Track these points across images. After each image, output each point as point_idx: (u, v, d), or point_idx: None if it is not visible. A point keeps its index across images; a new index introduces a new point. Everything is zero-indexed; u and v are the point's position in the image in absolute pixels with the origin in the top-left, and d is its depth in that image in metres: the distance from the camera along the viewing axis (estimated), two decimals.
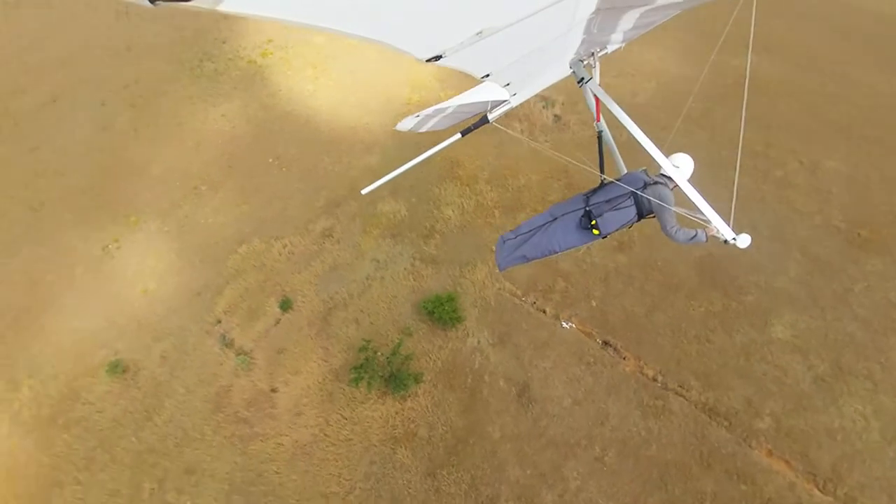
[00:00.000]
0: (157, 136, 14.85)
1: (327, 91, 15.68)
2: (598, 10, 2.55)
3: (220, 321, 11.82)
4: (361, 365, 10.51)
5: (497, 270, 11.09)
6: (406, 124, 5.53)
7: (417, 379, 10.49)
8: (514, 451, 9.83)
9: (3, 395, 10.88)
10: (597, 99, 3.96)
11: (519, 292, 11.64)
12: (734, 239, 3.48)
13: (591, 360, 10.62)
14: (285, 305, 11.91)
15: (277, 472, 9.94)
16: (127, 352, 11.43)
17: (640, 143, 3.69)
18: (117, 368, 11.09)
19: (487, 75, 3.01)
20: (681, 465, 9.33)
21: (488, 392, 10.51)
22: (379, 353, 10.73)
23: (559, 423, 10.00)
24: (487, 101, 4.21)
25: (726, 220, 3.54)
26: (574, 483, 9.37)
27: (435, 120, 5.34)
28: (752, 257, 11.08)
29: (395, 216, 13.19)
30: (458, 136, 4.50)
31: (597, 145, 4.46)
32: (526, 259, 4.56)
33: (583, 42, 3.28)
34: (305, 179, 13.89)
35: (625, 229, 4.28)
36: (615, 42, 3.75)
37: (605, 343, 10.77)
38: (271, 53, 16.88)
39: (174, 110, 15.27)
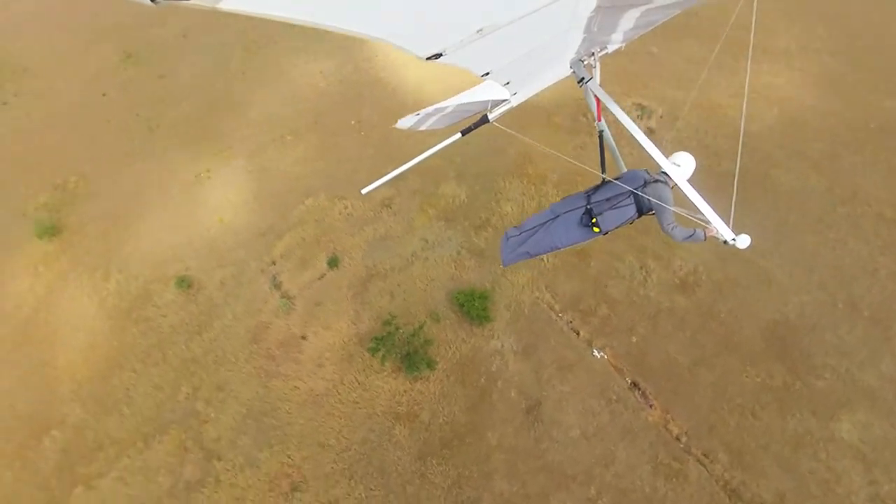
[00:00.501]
0: (261, 81, 16.03)
1: (417, 66, 15.70)
2: (598, 9, 2.53)
3: (274, 263, 12.80)
4: (383, 337, 10.84)
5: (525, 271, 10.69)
6: (406, 122, 5.55)
7: (431, 365, 10.59)
8: (506, 463, 9.64)
9: (98, 282, 12.88)
10: (597, 99, 3.94)
11: (557, 307, 11.11)
12: (733, 240, 3.41)
13: (614, 397, 9.92)
14: (333, 263, 12.54)
15: (288, 412, 10.76)
16: (195, 270, 12.87)
17: (640, 144, 3.71)
18: (184, 283, 12.56)
19: (487, 73, 3.03)
20: None
21: (498, 398, 10.33)
22: (401, 331, 10.96)
23: (561, 450, 9.59)
24: (488, 101, 4.21)
25: (726, 220, 3.50)
26: None
27: (434, 118, 5.31)
28: (841, 337, 9.47)
29: (453, 200, 13.11)
30: (458, 135, 4.44)
31: (598, 146, 4.57)
32: (529, 255, 4.63)
33: (583, 41, 3.27)
34: (379, 147, 14.22)
35: (625, 226, 4.38)
36: (615, 42, 3.71)
37: (635, 384, 9.97)
38: None
39: (279, 60, 16.34)
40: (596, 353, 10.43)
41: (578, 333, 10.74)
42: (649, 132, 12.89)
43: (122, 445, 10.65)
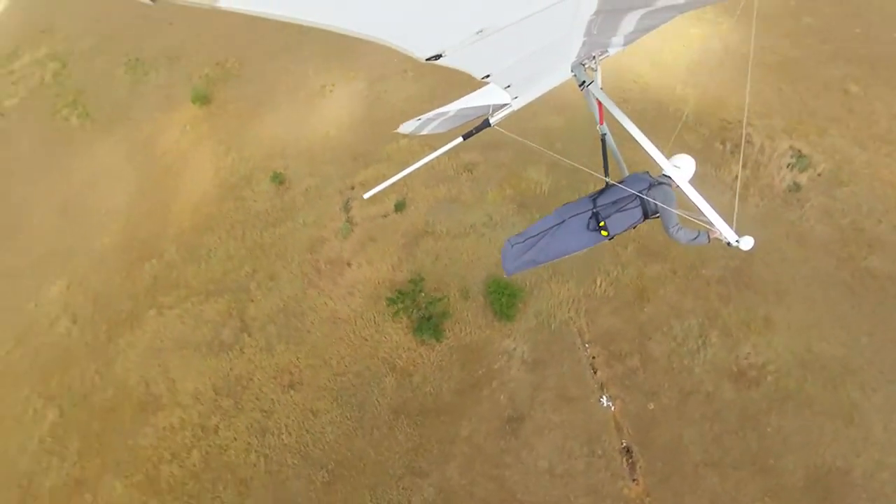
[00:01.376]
0: None
1: None
2: (598, 12, 2.51)
3: (353, 188, 13.67)
4: (405, 293, 11.20)
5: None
6: (407, 127, 5.41)
7: (438, 336, 10.75)
8: (467, 456, 9.72)
9: (220, 154, 15.14)
10: (599, 103, 3.92)
11: (587, 336, 10.26)
12: (737, 241, 3.40)
13: (600, 451, 9.16)
14: (399, 207, 12.96)
15: (311, 322, 11.99)
16: (290, 171, 14.35)
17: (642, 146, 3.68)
18: (278, 179, 14.15)
19: (488, 76, 3.00)
20: None
21: (487, 395, 10.23)
22: (423, 294, 11.17)
23: (521, 472, 9.33)
24: (489, 105, 4.15)
25: (729, 222, 3.49)
26: None
27: (436, 123, 5.15)
28: None
29: (535, 187, 12.38)
30: (460, 139, 4.40)
31: (601, 149, 4.48)
32: (535, 263, 4.52)
33: (584, 44, 3.23)
34: None
35: (631, 230, 4.35)
36: (616, 45, 3.66)
37: (628, 450, 9.04)
38: None
39: None
40: (604, 400, 9.57)
41: (596, 372, 9.90)
42: (794, 187, 10.36)
43: (191, 292, 13.00)
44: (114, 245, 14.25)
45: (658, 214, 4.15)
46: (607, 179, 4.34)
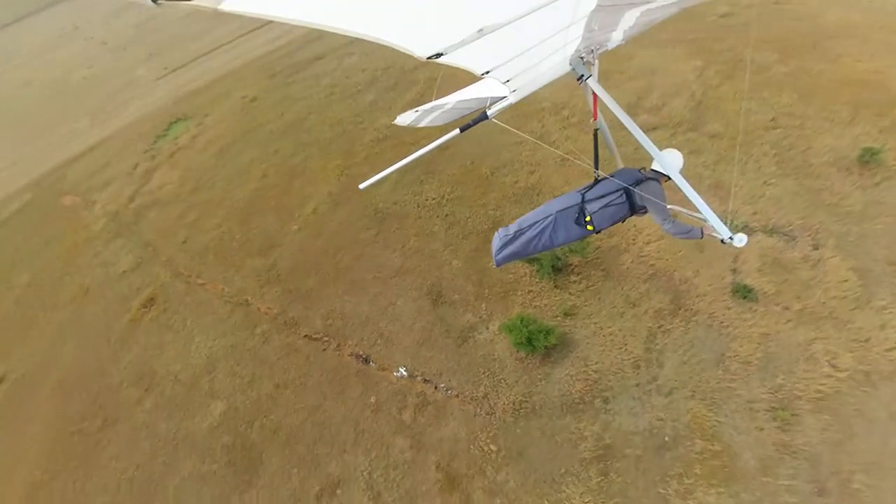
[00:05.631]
0: None
1: None
2: (598, 8, 2.56)
3: None
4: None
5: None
6: (405, 119, 5.53)
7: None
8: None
9: None
10: (595, 96, 3.99)
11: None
12: (730, 238, 3.46)
13: None
14: None
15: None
16: None
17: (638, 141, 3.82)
18: None
19: (488, 72, 3.09)
20: None
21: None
22: None
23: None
24: (487, 98, 4.26)
25: (723, 219, 3.54)
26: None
27: (433, 115, 5.19)
28: None
29: None
30: (457, 131, 4.46)
31: (593, 142, 4.55)
32: (521, 255, 4.64)
33: (583, 39, 3.30)
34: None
35: (619, 223, 4.45)
36: (616, 40, 3.83)
37: None
38: None
39: None
40: None
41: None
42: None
43: None
44: None
45: (645, 210, 4.23)
46: (597, 173, 4.40)
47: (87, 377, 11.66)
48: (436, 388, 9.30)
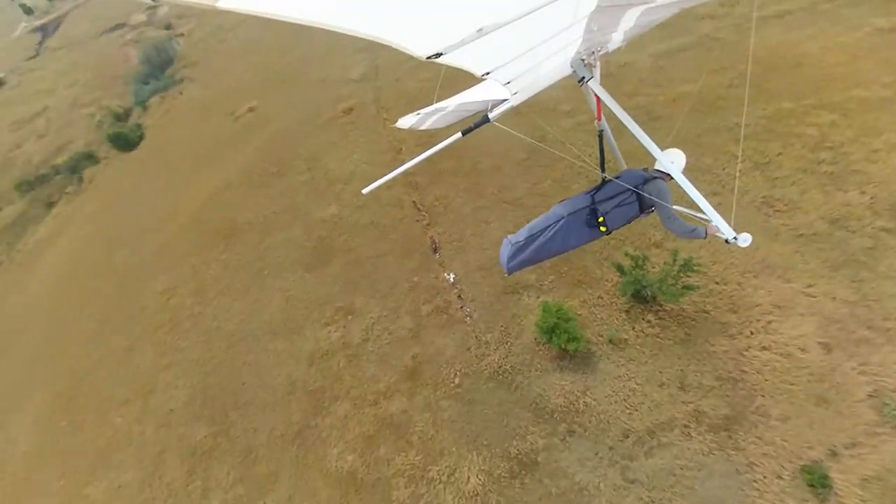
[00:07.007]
0: None
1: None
2: (599, 8, 2.57)
3: None
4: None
5: None
6: (406, 122, 5.36)
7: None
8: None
9: None
10: (597, 98, 3.92)
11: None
12: (735, 238, 3.50)
13: None
14: None
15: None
16: None
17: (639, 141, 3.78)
18: None
19: (488, 73, 3.09)
20: None
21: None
22: None
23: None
24: (488, 100, 4.13)
25: (727, 219, 3.57)
26: None
27: (434, 118, 5.02)
28: None
29: None
30: (459, 135, 4.32)
31: (597, 144, 4.51)
32: (534, 261, 4.48)
33: (584, 40, 3.26)
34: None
35: (629, 224, 4.48)
36: (616, 41, 3.74)
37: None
38: None
39: None
40: None
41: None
42: None
43: None
44: None
45: (653, 209, 4.21)
46: (604, 175, 4.34)
47: (291, 138, 15.96)
48: (461, 307, 9.97)
